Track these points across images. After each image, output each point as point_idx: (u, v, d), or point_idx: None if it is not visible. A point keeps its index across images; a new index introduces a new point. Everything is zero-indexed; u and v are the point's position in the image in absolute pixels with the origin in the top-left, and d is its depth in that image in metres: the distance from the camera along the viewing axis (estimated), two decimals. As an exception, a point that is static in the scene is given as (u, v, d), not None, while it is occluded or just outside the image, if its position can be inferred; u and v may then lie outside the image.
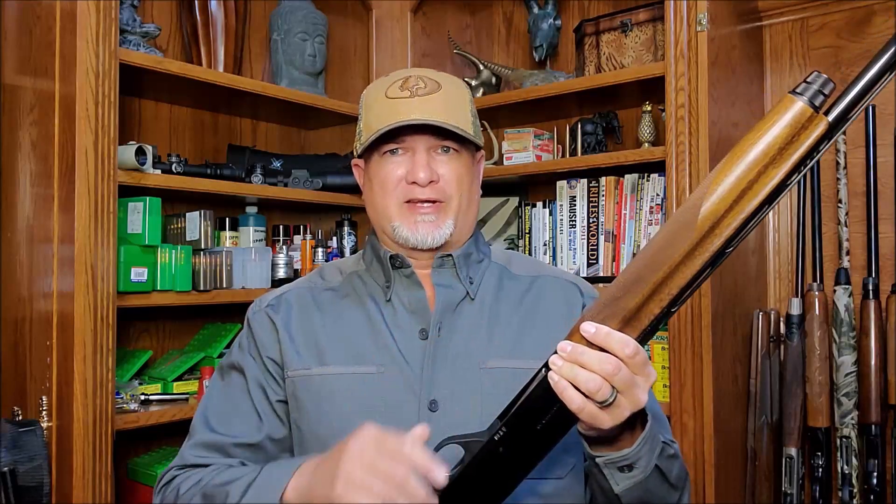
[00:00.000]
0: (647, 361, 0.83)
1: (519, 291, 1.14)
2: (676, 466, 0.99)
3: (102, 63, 1.59)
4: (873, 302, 1.90)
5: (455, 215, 1.10)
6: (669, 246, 0.77)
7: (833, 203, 2.04)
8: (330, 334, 1.10)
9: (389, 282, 1.12)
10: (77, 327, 1.54)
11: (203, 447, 1.07)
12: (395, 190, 1.09)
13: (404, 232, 1.09)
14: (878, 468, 1.88)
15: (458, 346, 1.07)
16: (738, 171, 0.75)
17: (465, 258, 1.13)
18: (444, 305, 1.09)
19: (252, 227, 2.16)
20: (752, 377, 2.01)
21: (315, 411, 1.06)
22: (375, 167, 1.12)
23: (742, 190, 0.74)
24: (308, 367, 1.08)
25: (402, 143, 1.09)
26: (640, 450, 0.90)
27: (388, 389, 1.04)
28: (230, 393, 1.12)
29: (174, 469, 1.08)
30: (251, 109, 2.29)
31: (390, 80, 1.12)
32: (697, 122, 1.82)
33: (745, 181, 0.74)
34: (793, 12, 2.13)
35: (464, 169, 1.11)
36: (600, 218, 2.13)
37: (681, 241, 0.77)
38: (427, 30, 2.41)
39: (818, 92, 0.73)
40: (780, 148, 0.74)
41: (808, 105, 0.73)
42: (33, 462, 1.52)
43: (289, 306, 1.14)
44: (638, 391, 0.82)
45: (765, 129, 0.74)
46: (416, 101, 1.07)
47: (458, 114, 1.09)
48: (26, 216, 1.66)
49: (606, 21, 2.12)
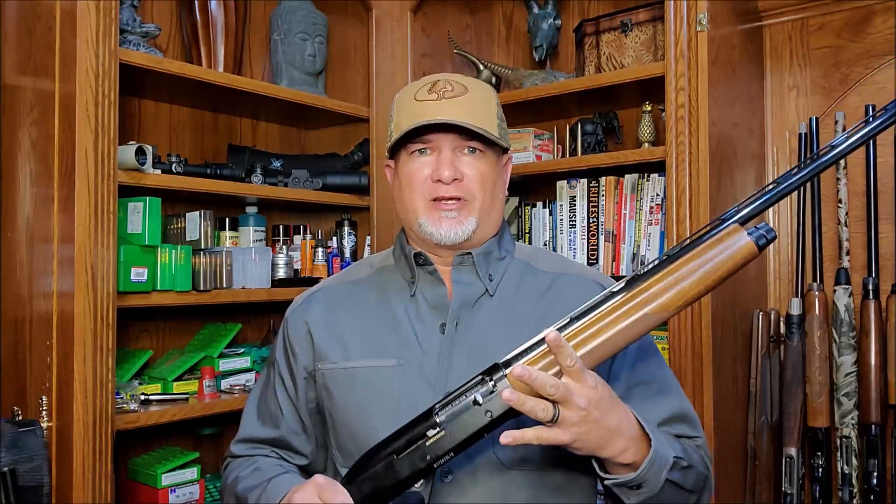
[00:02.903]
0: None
1: (539, 288, 1.19)
2: (692, 475, 1.05)
3: (102, 63, 1.59)
4: (873, 302, 1.90)
5: (478, 214, 1.15)
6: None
7: (833, 203, 2.04)
8: (356, 330, 1.19)
9: (414, 278, 1.19)
10: (77, 327, 1.54)
11: (242, 443, 1.26)
12: (422, 188, 1.15)
13: (429, 227, 1.14)
14: (878, 468, 1.88)
15: (475, 340, 1.12)
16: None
17: (486, 256, 1.18)
18: (462, 301, 1.16)
19: (252, 227, 2.16)
20: (752, 377, 2.01)
21: (342, 401, 1.16)
22: (403, 166, 1.18)
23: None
24: (335, 362, 1.17)
25: (428, 143, 1.15)
26: (647, 472, 0.97)
27: (405, 381, 1.11)
28: (265, 389, 1.27)
29: (228, 457, 1.28)
30: (251, 109, 2.29)
31: (420, 84, 1.18)
32: (697, 122, 1.82)
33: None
34: (793, 12, 2.13)
35: (488, 169, 1.16)
36: (600, 218, 2.13)
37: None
38: (427, 30, 2.41)
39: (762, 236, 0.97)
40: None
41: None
42: (33, 462, 1.52)
43: (320, 304, 1.24)
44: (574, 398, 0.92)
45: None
46: (443, 103, 1.13)
47: (483, 116, 1.14)
48: (26, 216, 1.66)
49: (606, 21, 2.12)
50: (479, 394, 0.95)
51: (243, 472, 1.19)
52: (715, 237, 0.97)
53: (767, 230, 0.97)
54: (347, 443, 1.15)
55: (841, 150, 0.99)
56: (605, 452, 0.96)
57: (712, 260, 0.96)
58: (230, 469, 1.24)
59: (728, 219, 0.98)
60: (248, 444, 1.25)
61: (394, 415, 1.07)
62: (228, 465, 1.26)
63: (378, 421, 1.09)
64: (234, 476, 1.21)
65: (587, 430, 0.93)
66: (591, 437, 0.93)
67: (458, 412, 0.95)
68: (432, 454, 0.96)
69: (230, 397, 1.93)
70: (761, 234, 0.96)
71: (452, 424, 0.95)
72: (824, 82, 2.11)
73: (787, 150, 2.14)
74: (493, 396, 0.94)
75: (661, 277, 0.96)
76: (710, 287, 0.97)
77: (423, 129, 1.13)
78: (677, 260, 0.97)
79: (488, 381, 0.95)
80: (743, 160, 2.02)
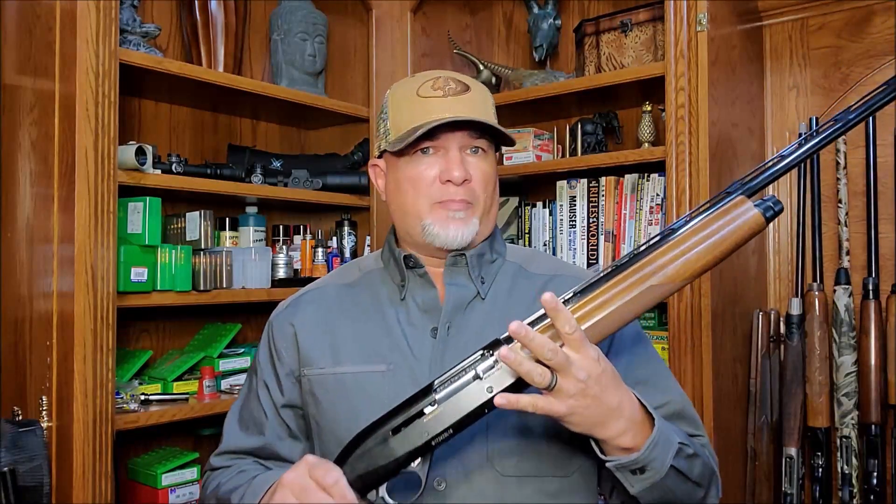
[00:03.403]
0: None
1: (533, 291, 1.15)
2: (698, 465, 1.01)
3: (102, 63, 1.59)
4: (873, 302, 1.90)
5: (480, 216, 1.12)
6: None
7: (833, 203, 2.04)
8: (345, 334, 1.14)
9: (404, 281, 1.15)
10: (77, 327, 1.54)
11: (224, 455, 1.20)
12: (429, 189, 1.10)
13: (436, 229, 1.10)
14: (878, 468, 1.88)
15: (467, 344, 1.08)
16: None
17: (478, 258, 1.14)
18: (454, 304, 1.12)
19: (252, 227, 2.16)
20: (752, 377, 2.01)
21: (330, 408, 1.11)
22: (404, 166, 1.12)
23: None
24: (323, 367, 1.13)
25: (436, 142, 1.10)
26: (650, 453, 0.93)
27: (396, 386, 1.06)
28: (247, 397, 1.22)
29: (207, 471, 1.22)
30: (251, 109, 2.29)
31: (420, 80, 1.13)
32: (697, 122, 1.82)
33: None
34: (793, 12, 2.13)
35: (491, 169, 1.14)
36: (600, 218, 2.13)
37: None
38: (427, 30, 2.41)
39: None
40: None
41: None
42: (33, 462, 1.52)
43: (308, 307, 1.19)
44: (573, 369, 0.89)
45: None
46: (450, 101, 1.09)
47: (488, 114, 1.12)
48: (26, 216, 1.66)
49: (606, 21, 2.12)
50: (479, 368, 0.92)
51: (224, 478, 1.14)
52: (721, 208, 0.94)
53: (774, 202, 0.93)
54: (335, 451, 1.06)
55: (849, 120, 0.95)
56: (603, 432, 0.92)
57: (719, 231, 0.93)
58: (210, 480, 1.18)
59: (734, 191, 0.95)
60: (231, 456, 1.19)
61: None
62: (208, 478, 1.20)
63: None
64: (214, 484, 1.15)
65: (585, 404, 0.89)
66: (589, 412, 0.90)
67: (458, 388, 0.92)
68: (430, 431, 0.92)
69: (230, 397, 1.93)
70: (768, 205, 0.93)
71: (452, 400, 0.92)
72: (824, 82, 2.11)
73: (787, 150, 2.14)
74: (493, 371, 0.91)
75: (666, 249, 0.93)
76: (717, 258, 0.93)
77: (433, 128, 1.08)
78: (683, 231, 0.94)
79: (489, 356, 0.92)
80: (743, 160, 2.02)
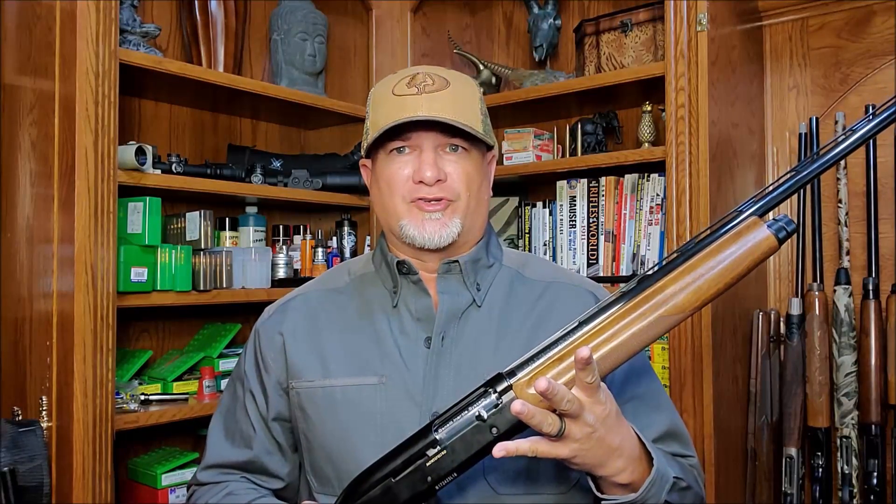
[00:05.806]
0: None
1: (530, 298, 1.12)
2: (689, 496, 1.01)
3: (102, 63, 1.59)
4: (873, 302, 1.90)
5: (463, 215, 1.08)
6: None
7: (833, 203, 2.04)
8: (335, 344, 1.10)
9: (397, 287, 1.10)
10: (77, 327, 1.54)
11: (210, 469, 1.15)
12: (402, 189, 1.07)
13: (411, 230, 1.07)
14: (878, 468, 1.88)
15: (463, 355, 1.05)
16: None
17: (473, 264, 1.10)
18: (449, 314, 1.08)
19: (252, 227, 2.16)
20: (752, 377, 2.01)
21: (319, 422, 1.07)
22: (382, 166, 1.10)
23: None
24: (312, 380, 1.09)
25: (408, 141, 1.07)
26: (647, 493, 0.92)
27: (389, 399, 1.04)
28: (232, 407, 1.17)
29: (193, 485, 1.17)
30: (251, 109, 2.29)
31: (398, 78, 1.10)
32: (697, 122, 1.82)
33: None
34: (793, 12, 2.13)
35: (473, 168, 1.09)
36: (600, 218, 2.13)
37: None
38: (427, 30, 2.41)
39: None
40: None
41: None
42: (33, 462, 1.52)
43: (297, 313, 1.15)
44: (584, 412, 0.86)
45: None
46: (423, 98, 1.04)
47: (466, 111, 1.07)
48: (26, 216, 1.66)
49: (606, 21, 2.12)
50: (482, 408, 0.87)
51: (213, 498, 1.10)
52: (733, 232, 0.90)
53: (787, 222, 0.90)
54: (325, 467, 1.06)
55: (864, 133, 0.93)
56: (602, 471, 0.90)
57: (730, 256, 0.89)
58: (196, 497, 1.13)
59: (745, 210, 0.91)
60: (217, 470, 1.14)
61: (376, 436, 1.01)
62: (193, 493, 1.15)
63: (359, 442, 1.02)
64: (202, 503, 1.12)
65: (589, 446, 0.87)
66: (592, 454, 0.88)
67: (460, 429, 0.88)
68: (433, 475, 0.88)
69: (230, 397, 1.93)
70: (781, 226, 0.90)
71: (454, 442, 0.87)
72: (824, 82, 2.11)
73: (787, 150, 2.14)
74: (497, 411, 0.87)
75: (676, 277, 0.90)
76: (728, 285, 0.90)
77: (403, 127, 1.04)
78: (693, 257, 0.90)
79: (491, 394, 0.88)
80: (743, 160, 2.02)
